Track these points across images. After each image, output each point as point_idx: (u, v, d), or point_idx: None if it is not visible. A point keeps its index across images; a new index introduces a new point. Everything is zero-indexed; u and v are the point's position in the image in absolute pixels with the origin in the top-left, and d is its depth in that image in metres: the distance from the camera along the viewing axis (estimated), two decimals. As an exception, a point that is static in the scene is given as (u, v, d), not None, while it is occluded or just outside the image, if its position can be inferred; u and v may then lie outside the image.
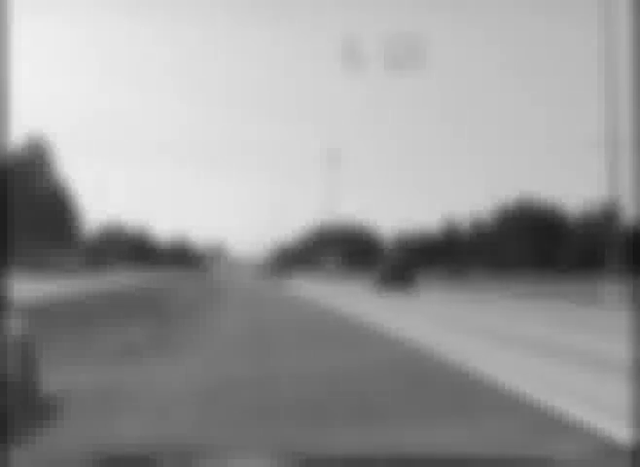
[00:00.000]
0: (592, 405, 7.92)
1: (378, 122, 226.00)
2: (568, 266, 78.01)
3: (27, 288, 27.33)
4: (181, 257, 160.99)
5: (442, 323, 20.07)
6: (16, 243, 53.78)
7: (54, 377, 9.24)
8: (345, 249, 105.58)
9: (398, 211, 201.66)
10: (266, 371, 10.69)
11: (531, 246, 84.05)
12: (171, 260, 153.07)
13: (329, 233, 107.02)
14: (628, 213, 45.13)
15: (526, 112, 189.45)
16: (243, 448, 5.90)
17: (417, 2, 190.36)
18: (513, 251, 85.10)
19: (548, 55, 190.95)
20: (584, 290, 39.67)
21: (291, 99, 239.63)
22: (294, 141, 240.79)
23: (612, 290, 32.84)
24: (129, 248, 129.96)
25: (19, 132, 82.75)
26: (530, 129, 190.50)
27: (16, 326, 7.34)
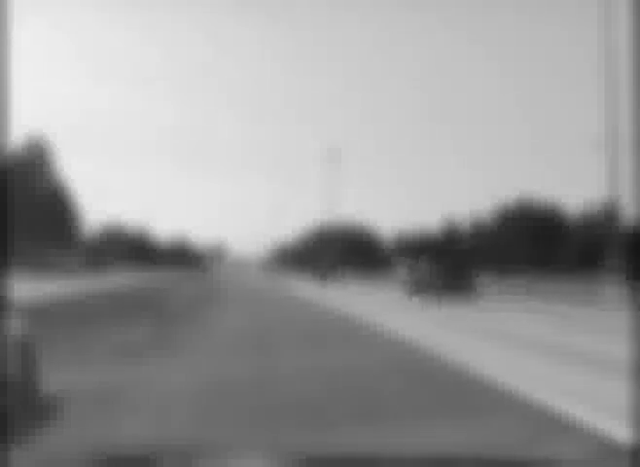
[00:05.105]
0: (592, 405, 7.91)
1: (378, 121, 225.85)
2: (568, 266, 77.98)
3: (27, 288, 27.33)
4: (181, 257, 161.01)
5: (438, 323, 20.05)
6: (16, 243, 53.74)
7: (55, 378, 9.24)
8: (345, 249, 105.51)
9: (398, 211, 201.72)
10: (266, 371, 10.68)
11: (531, 246, 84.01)
12: (171, 260, 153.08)
13: (329, 233, 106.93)
14: (628, 213, 45.11)
15: (526, 112, 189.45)
16: (243, 448, 5.90)
17: (420, 2, 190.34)
18: (513, 251, 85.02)
19: (548, 56, 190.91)
20: (584, 290, 39.65)
21: (291, 99, 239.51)
22: (294, 141, 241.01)
23: (612, 290, 32.83)
24: (129, 248, 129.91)
25: (19, 132, 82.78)
26: (530, 129, 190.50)
27: (16, 326, 7.34)
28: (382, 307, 28.31)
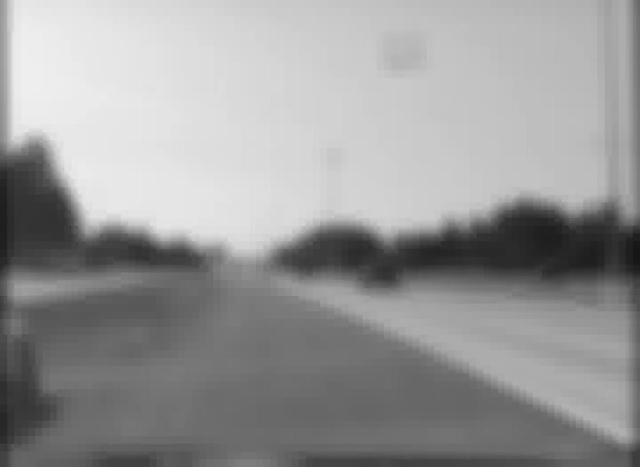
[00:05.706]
0: (591, 405, 7.91)
1: (378, 121, 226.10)
2: (568, 266, 77.94)
3: (27, 288, 27.32)
4: (181, 257, 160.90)
5: (438, 325, 20.08)
6: (16, 243, 53.73)
7: (55, 378, 9.24)
8: (345, 249, 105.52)
9: (398, 211, 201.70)
10: (265, 370, 10.68)
11: (531, 246, 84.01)
12: (171, 260, 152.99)
13: (329, 233, 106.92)
14: (628, 213, 45.16)
15: (527, 112, 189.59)
16: (243, 448, 5.90)
17: (419, 2, 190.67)
18: (513, 251, 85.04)
19: (548, 56, 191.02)
20: (584, 290, 39.65)
21: (291, 99, 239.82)
22: (294, 141, 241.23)
23: (612, 290, 32.82)
24: (129, 248, 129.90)
25: (19, 132, 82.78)
26: (530, 129, 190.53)
27: (16, 326, 7.34)
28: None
